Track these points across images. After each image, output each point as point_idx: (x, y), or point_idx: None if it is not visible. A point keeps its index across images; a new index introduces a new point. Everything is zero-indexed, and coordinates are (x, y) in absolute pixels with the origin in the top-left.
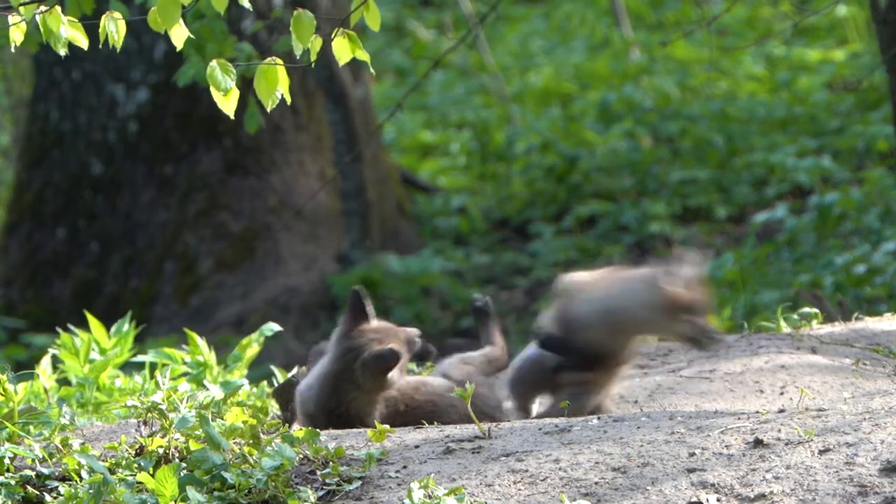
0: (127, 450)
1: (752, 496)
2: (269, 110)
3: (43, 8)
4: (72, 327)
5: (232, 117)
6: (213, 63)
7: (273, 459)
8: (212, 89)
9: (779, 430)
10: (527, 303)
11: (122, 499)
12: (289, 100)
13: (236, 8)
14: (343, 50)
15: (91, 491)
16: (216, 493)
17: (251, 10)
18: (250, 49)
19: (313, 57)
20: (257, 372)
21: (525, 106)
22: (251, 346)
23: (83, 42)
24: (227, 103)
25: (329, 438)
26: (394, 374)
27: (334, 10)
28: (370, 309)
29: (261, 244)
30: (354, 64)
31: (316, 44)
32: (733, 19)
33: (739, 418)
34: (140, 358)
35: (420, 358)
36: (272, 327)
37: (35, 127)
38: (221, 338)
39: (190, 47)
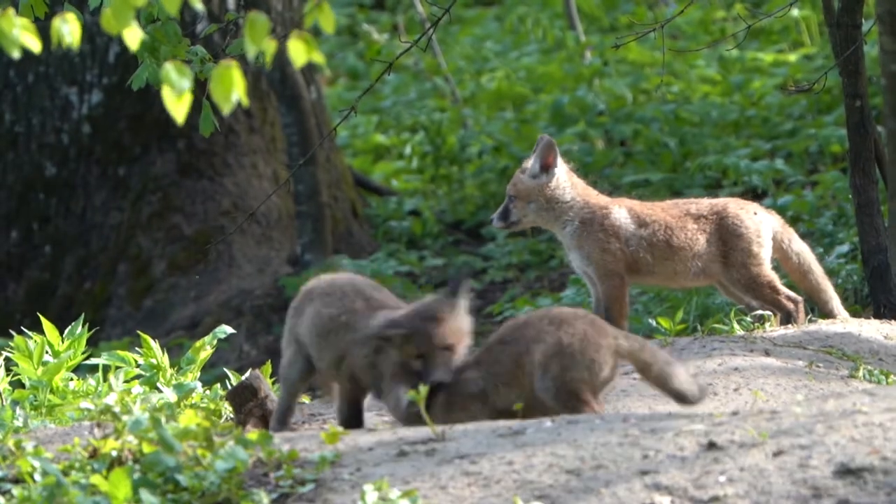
0: (80, 452)
1: (706, 498)
2: (225, 114)
3: None
4: (25, 329)
5: (181, 123)
6: (168, 64)
7: (226, 462)
8: (163, 95)
9: (732, 433)
10: (480, 305)
11: (75, 501)
12: (245, 102)
13: (190, 11)
14: (299, 52)
15: (44, 493)
16: (169, 496)
17: (204, 13)
18: (204, 52)
19: (268, 59)
20: (211, 374)
21: (478, 109)
22: (204, 348)
23: (36, 46)
24: (178, 108)
25: (282, 441)
26: None
27: (288, 13)
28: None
29: (214, 246)
30: (308, 66)
31: (271, 46)
32: (686, 22)
33: (693, 421)
34: (93, 360)
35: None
36: (225, 330)
37: None
38: (175, 340)
39: (144, 50)
